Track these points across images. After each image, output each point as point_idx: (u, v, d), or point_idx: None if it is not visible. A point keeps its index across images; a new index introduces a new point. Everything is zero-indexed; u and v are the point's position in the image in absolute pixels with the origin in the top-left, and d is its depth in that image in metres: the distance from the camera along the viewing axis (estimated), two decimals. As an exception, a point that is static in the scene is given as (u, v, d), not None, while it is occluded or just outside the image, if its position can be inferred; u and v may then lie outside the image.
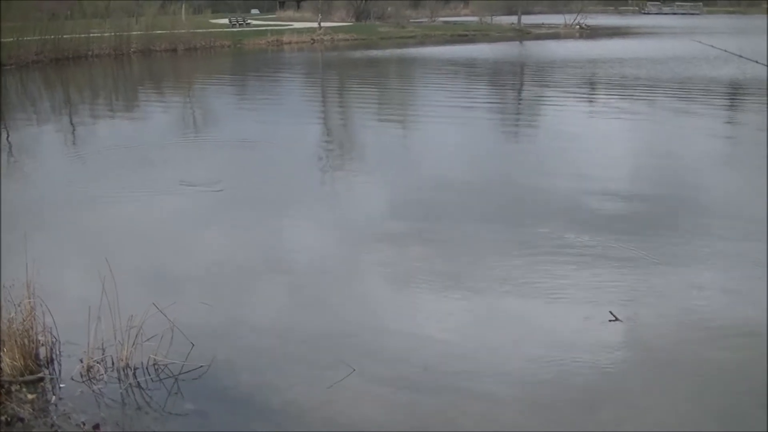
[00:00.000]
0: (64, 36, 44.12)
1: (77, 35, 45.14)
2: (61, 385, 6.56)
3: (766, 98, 24.57)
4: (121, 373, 6.73)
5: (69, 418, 6.03)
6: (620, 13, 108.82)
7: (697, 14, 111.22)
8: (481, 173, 14.45)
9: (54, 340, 7.03)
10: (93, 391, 6.46)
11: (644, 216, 11.24)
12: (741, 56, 6.06)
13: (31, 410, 6.09)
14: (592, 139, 18.28)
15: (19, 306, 6.80)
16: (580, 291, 8.44)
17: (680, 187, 13.00)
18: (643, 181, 13.59)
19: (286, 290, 8.80)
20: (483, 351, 7.14)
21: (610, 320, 7.59)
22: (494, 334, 7.51)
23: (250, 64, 44.37)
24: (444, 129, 19.67)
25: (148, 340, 6.81)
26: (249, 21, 72.68)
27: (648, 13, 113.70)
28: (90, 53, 45.40)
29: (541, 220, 11.05)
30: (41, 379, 6.61)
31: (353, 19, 79.27)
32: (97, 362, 6.73)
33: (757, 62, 5.96)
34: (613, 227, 10.61)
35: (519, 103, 26.67)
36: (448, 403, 6.27)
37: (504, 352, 7.12)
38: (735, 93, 27.67)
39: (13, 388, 6.38)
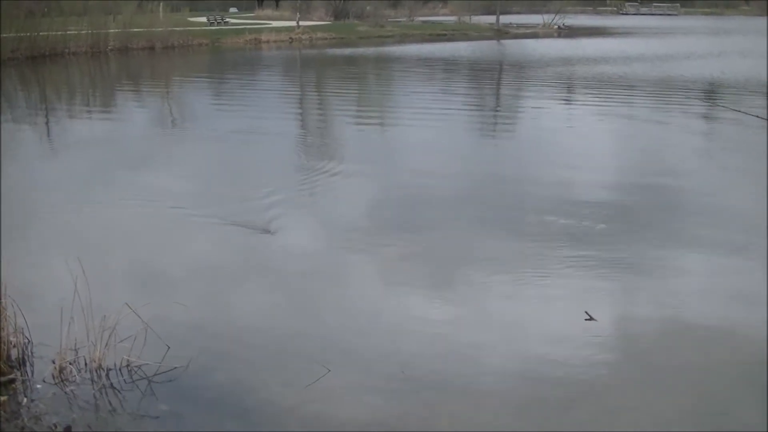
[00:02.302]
0: (41, 33, 43.73)
1: (54, 33, 44.74)
2: (34, 387, 6.48)
3: (743, 96, 24.81)
4: (94, 374, 6.65)
5: (40, 420, 5.95)
6: (598, 13, 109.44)
7: (675, 15, 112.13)
8: (462, 173, 14.43)
9: (26, 341, 6.93)
10: (65, 392, 6.38)
11: (626, 217, 11.24)
12: (741, 111, 6.04)
13: (2, 412, 6.01)
14: (573, 139, 18.33)
15: (-10, 307, 6.72)
16: (559, 291, 8.45)
17: (661, 187, 13.04)
18: (624, 181, 13.63)
19: (264, 290, 8.74)
20: (461, 350, 7.11)
21: (585, 319, 7.61)
22: (473, 334, 7.48)
23: (228, 63, 44.22)
24: (424, 128, 19.66)
25: (122, 341, 6.74)
26: (227, 19, 72.46)
27: (626, 14, 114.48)
28: (67, 51, 45.05)
29: (524, 220, 11.10)
30: (13, 381, 6.52)
31: (332, 18, 79.21)
32: (70, 363, 6.65)
33: (757, 117, 6.01)
34: (595, 228, 10.63)
35: (498, 103, 26.71)
36: (424, 402, 6.24)
37: (482, 352, 7.09)
38: (713, 92, 27.85)
39: (-16, 390, 6.31)
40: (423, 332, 7.50)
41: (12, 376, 6.57)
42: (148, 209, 11.74)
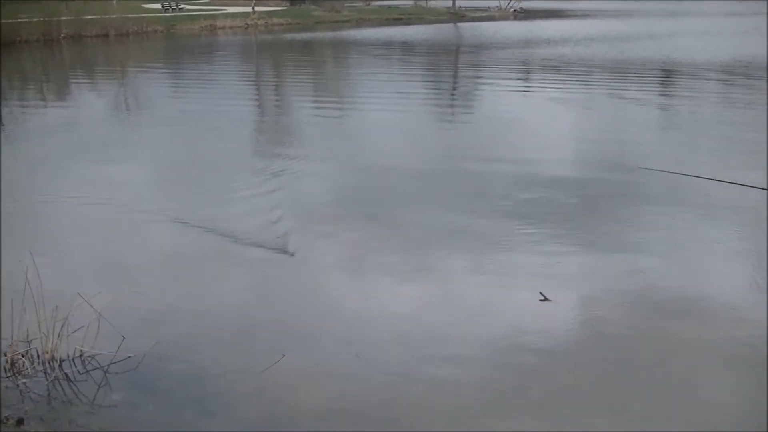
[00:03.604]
0: (-9, 21, 43.01)
1: (5, 20, 43.94)
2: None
3: (699, 78, 25.09)
4: (47, 365, 6.57)
5: (-8, 413, 5.87)
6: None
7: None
8: (422, 157, 14.43)
9: (-24, 334, 6.84)
10: (17, 385, 6.30)
11: (584, 198, 11.32)
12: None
13: (-47, 407, 5.92)
14: (531, 121, 18.42)
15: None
16: (517, 272, 8.52)
17: (620, 168, 13.12)
18: (583, 162, 13.73)
19: (221, 277, 8.67)
20: (417, 334, 7.13)
21: (540, 300, 7.65)
22: (430, 317, 7.50)
23: (183, 50, 43.77)
24: (381, 112, 19.63)
25: (75, 331, 6.66)
26: (182, 6, 71.67)
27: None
28: (18, 39, 44.25)
29: (483, 200, 11.16)
30: (-37, 375, 6.43)
31: (287, 4, 78.73)
32: (22, 356, 6.56)
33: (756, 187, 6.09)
34: (553, 208, 10.71)
35: (456, 85, 26.73)
36: (379, 387, 6.24)
37: (440, 335, 7.11)
38: (670, 73, 28.11)
39: (-66, 384, 6.20)
40: (381, 315, 7.51)
41: (-38, 370, 6.47)
42: (101, 200, 11.59)
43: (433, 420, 5.79)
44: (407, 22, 64.04)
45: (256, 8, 64.17)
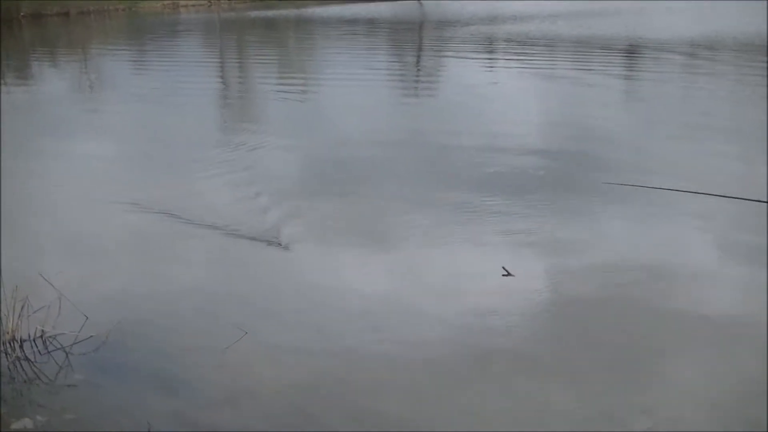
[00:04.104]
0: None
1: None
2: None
3: (663, 54, 25.25)
4: (8, 346, 6.51)
5: (-48, 395, 5.83)
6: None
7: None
8: (389, 133, 14.42)
9: (-67, 316, 6.77)
10: (-22, 366, 6.26)
11: (553, 172, 11.38)
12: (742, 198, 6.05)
13: None
14: (497, 97, 18.46)
15: None
16: (484, 247, 8.55)
17: (587, 142, 13.19)
18: (550, 138, 13.79)
19: (185, 257, 8.64)
20: (380, 310, 7.16)
21: (503, 275, 7.69)
22: (393, 292, 7.53)
23: (146, 28, 43.31)
24: (347, 89, 19.59)
25: (36, 311, 6.62)
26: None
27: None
28: (-25, 19, 43.62)
29: (451, 178, 11.16)
30: None
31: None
32: (-18, 336, 6.51)
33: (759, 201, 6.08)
34: (521, 183, 10.76)
35: (421, 63, 26.71)
36: (341, 362, 6.26)
37: (402, 312, 7.13)
38: (633, 50, 28.26)
39: None
40: (343, 292, 7.53)
41: None
42: (62, 179, 11.49)
43: (392, 395, 5.82)
44: (372, 0, 63.77)
45: (220, -14, 63.59)
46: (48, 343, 6.58)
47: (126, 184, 11.14)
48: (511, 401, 5.74)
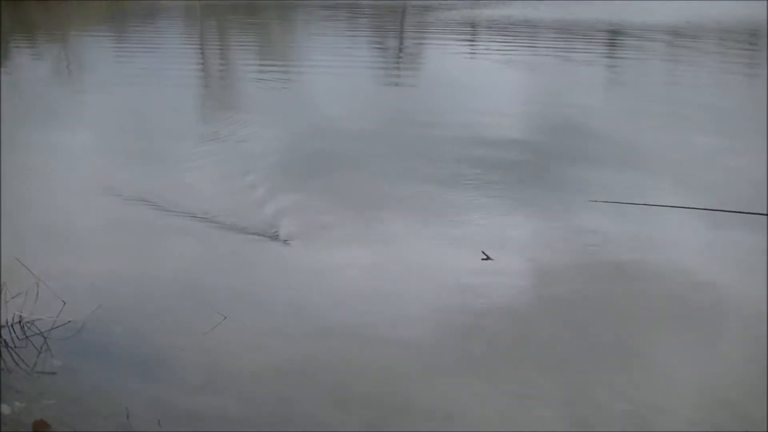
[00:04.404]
0: None
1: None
2: None
3: (643, 40, 25.29)
4: (-15, 332, 6.49)
5: (-71, 382, 5.80)
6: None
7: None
8: (369, 119, 14.42)
9: None
10: (-45, 352, 6.23)
11: (533, 161, 11.40)
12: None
13: None
14: (476, 83, 18.45)
15: None
16: (465, 232, 8.58)
17: (567, 126, 13.23)
18: (531, 126, 13.81)
19: (164, 243, 8.61)
20: (360, 294, 7.17)
21: (482, 259, 7.72)
22: (373, 277, 7.55)
23: (126, 12, 43.02)
24: (328, 74, 19.54)
25: (14, 297, 6.59)
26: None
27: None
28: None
29: (431, 161, 11.19)
30: None
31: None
32: (-40, 323, 6.48)
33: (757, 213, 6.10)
34: (502, 171, 10.78)
35: (402, 47, 26.66)
36: (320, 347, 6.26)
37: (382, 295, 7.16)
38: (615, 36, 28.30)
39: None
40: (322, 276, 7.53)
41: None
42: (39, 166, 11.42)
43: (372, 378, 5.83)
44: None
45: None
46: (26, 328, 6.55)
47: (103, 171, 11.07)
48: (490, 383, 5.77)
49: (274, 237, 8.54)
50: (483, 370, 5.93)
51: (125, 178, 10.64)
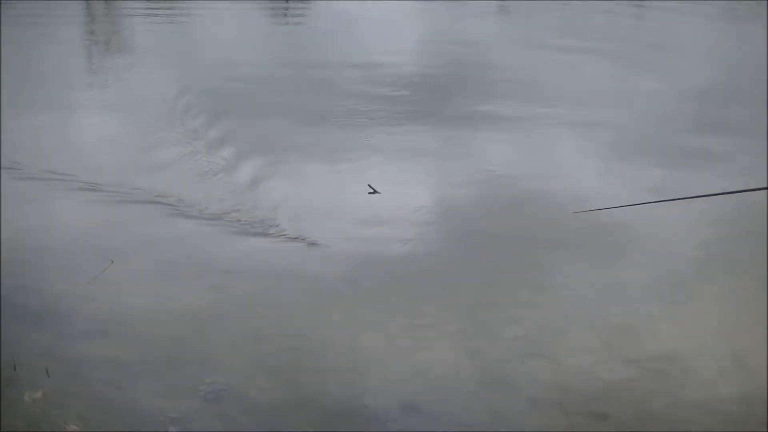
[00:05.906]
0: None
1: None
2: None
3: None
4: None
5: None
6: None
7: None
8: (266, 62, 14.21)
9: None
10: None
11: (434, 95, 11.42)
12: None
13: None
14: (374, 22, 18.33)
15: None
16: (370, 170, 8.58)
17: (463, 63, 13.27)
18: (431, 62, 13.81)
19: (46, 193, 8.33)
20: (250, 230, 7.17)
21: (369, 193, 7.75)
22: (264, 213, 7.52)
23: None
24: (219, 18, 19.14)
25: None
26: None
27: None
28: None
29: (332, 104, 11.15)
30: None
31: None
32: None
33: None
34: (401, 105, 10.83)
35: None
36: (207, 286, 6.23)
37: (275, 226, 7.19)
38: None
39: None
40: (211, 218, 7.48)
41: None
42: None
43: (262, 315, 5.84)
44: None
45: None
46: None
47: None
48: (382, 314, 5.84)
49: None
50: (378, 302, 6.00)
51: (15, 134, 10.23)
